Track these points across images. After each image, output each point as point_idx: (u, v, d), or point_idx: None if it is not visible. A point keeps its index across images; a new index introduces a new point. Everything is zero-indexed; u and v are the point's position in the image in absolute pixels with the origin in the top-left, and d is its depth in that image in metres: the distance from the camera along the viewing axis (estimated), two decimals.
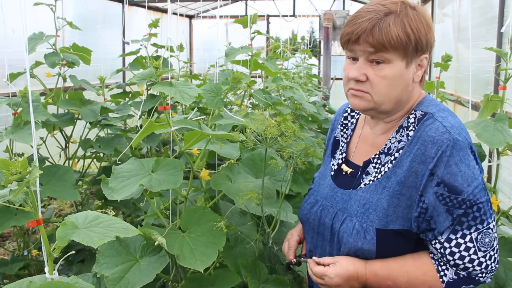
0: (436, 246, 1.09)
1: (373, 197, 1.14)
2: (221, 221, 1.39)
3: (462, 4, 4.25)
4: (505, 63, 1.69)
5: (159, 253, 1.34)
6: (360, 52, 1.12)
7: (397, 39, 1.07)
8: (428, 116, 1.12)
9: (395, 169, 1.12)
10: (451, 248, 1.06)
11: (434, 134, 1.07)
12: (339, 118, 1.40)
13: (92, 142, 2.59)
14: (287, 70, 4.15)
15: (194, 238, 1.38)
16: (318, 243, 1.26)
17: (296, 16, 8.03)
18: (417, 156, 1.08)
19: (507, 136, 1.51)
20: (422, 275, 1.10)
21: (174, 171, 1.36)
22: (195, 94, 1.37)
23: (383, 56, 1.09)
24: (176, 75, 3.75)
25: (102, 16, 5.34)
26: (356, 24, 1.10)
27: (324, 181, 1.31)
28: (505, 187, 2.84)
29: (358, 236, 1.13)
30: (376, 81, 1.11)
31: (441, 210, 1.05)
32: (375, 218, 1.12)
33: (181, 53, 4.09)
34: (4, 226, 1.72)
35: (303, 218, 1.32)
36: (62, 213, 4.00)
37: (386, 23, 1.08)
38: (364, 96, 1.13)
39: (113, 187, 1.31)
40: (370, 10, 1.11)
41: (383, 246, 1.11)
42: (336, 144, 1.36)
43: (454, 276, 1.08)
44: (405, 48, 1.09)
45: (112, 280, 1.23)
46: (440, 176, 1.04)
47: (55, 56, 2.47)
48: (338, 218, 1.19)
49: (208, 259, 1.31)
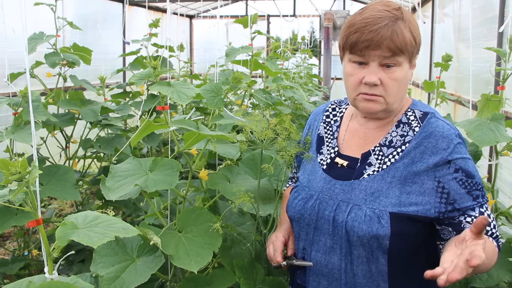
0: (469, 221, 1.17)
1: (382, 186, 1.19)
2: (217, 222, 1.38)
3: (463, 4, 4.25)
4: (504, 63, 1.69)
5: (155, 253, 1.33)
6: (375, 57, 1.17)
7: (410, 43, 1.17)
8: (431, 115, 1.23)
9: (403, 160, 1.19)
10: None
11: (442, 130, 1.19)
12: (319, 118, 1.44)
13: (92, 142, 2.59)
14: (288, 70, 4.15)
15: (190, 239, 1.37)
16: (315, 238, 1.25)
17: (296, 16, 8.03)
18: (428, 149, 1.17)
19: (499, 135, 1.50)
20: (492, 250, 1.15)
21: (171, 171, 1.35)
22: (192, 94, 1.37)
23: (396, 60, 1.17)
24: (177, 75, 3.75)
25: (103, 16, 5.34)
26: (373, 31, 1.15)
27: (314, 176, 1.32)
28: (505, 187, 2.84)
29: (372, 222, 1.15)
30: (389, 84, 1.18)
31: (462, 192, 1.16)
32: (388, 204, 1.16)
33: (181, 53, 4.09)
34: (5, 226, 1.72)
35: (296, 215, 1.30)
36: (63, 213, 4.00)
37: (400, 29, 1.16)
38: (378, 99, 1.20)
39: (110, 187, 1.31)
40: (381, 16, 1.16)
41: (397, 230, 1.14)
42: (320, 140, 1.39)
43: (496, 244, 1.18)
44: (412, 51, 1.19)
45: (107, 280, 1.22)
46: (458, 163, 1.16)
47: (55, 56, 2.47)
48: (341, 209, 1.20)
49: (203, 260, 1.31)
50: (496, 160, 1.69)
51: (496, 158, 1.68)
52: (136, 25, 6.18)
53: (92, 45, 2.79)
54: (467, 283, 1.47)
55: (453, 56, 2.52)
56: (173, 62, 3.75)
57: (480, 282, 1.46)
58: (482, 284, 1.46)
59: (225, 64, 2.37)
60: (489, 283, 1.47)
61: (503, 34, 2.91)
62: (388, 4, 1.20)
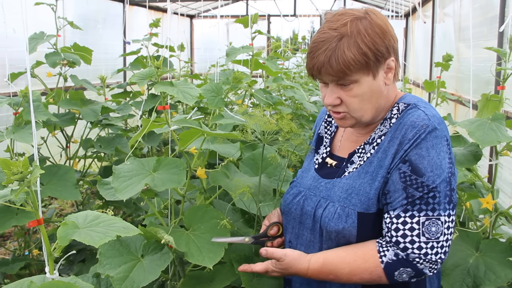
0: (386, 220, 1.14)
1: (356, 182, 1.18)
2: (224, 218, 1.40)
3: (463, 3, 4.25)
4: (504, 62, 1.69)
5: (162, 251, 1.36)
6: (328, 78, 1.16)
7: (355, 62, 1.10)
8: (412, 106, 1.18)
9: (377, 154, 1.18)
10: (397, 225, 1.11)
11: (415, 120, 1.13)
12: (323, 116, 1.46)
13: (93, 141, 2.59)
14: (288, 70, 4.16)
15: (198, 236, 1.40)
16: (299, 232, 1.28)
17: (297, 16, 8.03)
18: (397, 139, 1.14)
19: (501, 135, 1.50)
20: (363, 263, 1.12)
21: (177, 170, 1.37)
22: (196, 94, 1.38)
23: (348, 79, 1.13)
24: (177, 74, 3.75)
25: (103, 16, 5.34)
26: (314, 58, 1.14)
27: (307, 174, 1.35)
28: (505, 187, 2.83)
29: (340, 220, 1.16)
30: (349, 101, 1.16)
31: (398, 186, 1.11)
32: (357, 202, 1.16)
33: (182, 52, 4.10)
34: (5, 226, 1.73)
35: (285, 209, 1.34)
36: (63, 212, 4.00)
37: (341, 50, 1.10)
38: (345, 116, 1.20)
39: (116, 187, 1.31)
40: (323, 39, 1.14)
41: (363, 229, 1.15)
42: (320, 140, 1.42)
43: (394, 257, 1.11)
44: (367, 65, 1.12)
45: (118, 280, 1.24)
46: (410, 156, 1.10)
47: (56, 56, 2.47)
48: (320, 205, 1.22)
49: (216, 255, 1.34)
50: (496, 160, 1.69)
51: (496, 158, 1.68)
52: (137, 25, 6.18)
53: (93, 45, 2.79)
54: (475, 286, 1.47)
55: (453, 56, 2.52)
56: (174, 62, 3.75)
57: (489, 283, 1.45)
58: (491, 285, 1.46)
59: (226, 64, 2.37)
60: (497, 283, 1.46)
61: (504, 34, 2.91)
62: (338, 18, 1.16)
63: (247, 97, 2.57)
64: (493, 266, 1.49)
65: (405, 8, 6.81)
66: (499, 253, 1.53)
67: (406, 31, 7.40)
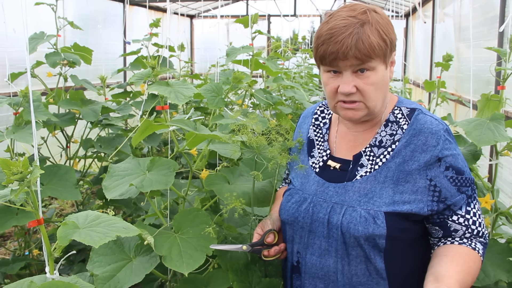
0: (460, 221, 1.20)
1: (375, 186, 1.19)
2: (213, 224, 1.37)
3: (463, 3, 4.25)
4: (504, 62, 1.69)
5: (151, 253, 1.32)
6: (346, 66, 1.16)
7: (379, 47, 1.15)
8: (418, 111, 1.24)
9: (393, 159, 1.20)
10: (472, 218, 1.21)
11: (431, 126, 1.19)
12: (307, 121, 1.44)
13: (93, 141, 2.59)
14: (288, 70, 4.15)
15: (185, 240, 1.36)
16: (309, 241, 1.25)
17: (297, 16, 8.02)
18: (418, 146, 1.18)
19: (498, 135, 1.50)
20: (473, 263, 1.18)
21: (167, 171, 1.35)
22: (190, 94, 1.37)
23: (368, 65, 1.15)
24: (177, 74, 3.75)
25: (103, 16, 5.34)
26: (338, 43, 1.13)
27: (307, 179, 1.31)
28: (506, 187, 2.83)
29: (367, 223, 1.15)
30: (366, 89, 1.17)
31: (453, 190, 1.18)
32: (382, 204, 1.17)
33: (182, 52, 4.10)
34: (5, 226, 1.73)
35: (289, 218, 1.29)
36: (63, 212, 4.00)
37: (366, 35, 1.13)
38: (358, 106, 1.20)
39: (106, 186, 1.31)
40: (345, 25, 1.14)
41: (392, 229, 1.16)
42: (311, 143, 1.39)
43: (482, 245, 1.22)
44: (384, 53, 1.17)
45: (101, 279, 1.22)
46: (448, 161, 1.18)
47: (56, 56, 2.47)
48: (335, 211, 1.20)
49: (195, 262, 1.29)
50: (496, 160, 1.69)
51: (496, 158, 1.68)
52: (137, 25, 6.18)
53: (93, 45, 2.79)
54: None
55: (453, 55, 2.52)
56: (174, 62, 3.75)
57: (477, 281, 1.46)
58: (479, 283, 1.47)
59: (226, 63, 2.37)
60: (485, 282, 1.48)
61: (504, 33, 2.91)
62: (353, 8, 1.18)
63: (247, 97, 2.57)
64: (485, 266, 1.51)
65: (405, 8, 6.81)
66: (495, 254, 1.54)
67: (406, 31, 7.40)
